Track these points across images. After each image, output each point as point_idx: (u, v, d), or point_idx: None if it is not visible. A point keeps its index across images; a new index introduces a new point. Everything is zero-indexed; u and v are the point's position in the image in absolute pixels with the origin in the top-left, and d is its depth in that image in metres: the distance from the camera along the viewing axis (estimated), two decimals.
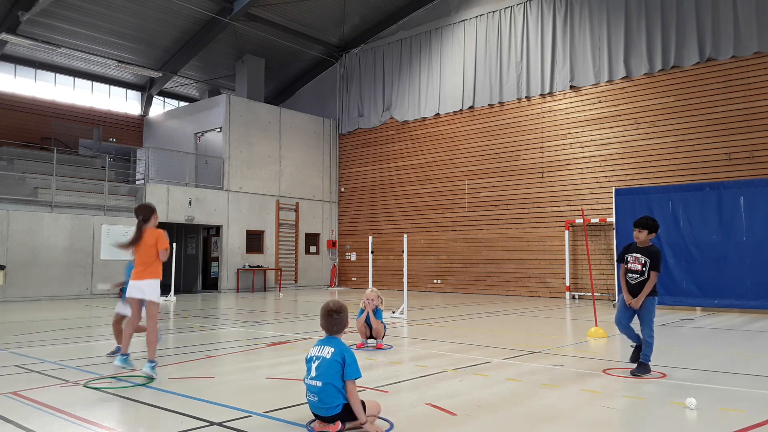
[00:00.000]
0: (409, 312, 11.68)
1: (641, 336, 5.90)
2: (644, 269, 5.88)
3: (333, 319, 4.05)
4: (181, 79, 24.07)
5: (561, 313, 13.00)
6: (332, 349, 3.88)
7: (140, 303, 5.88)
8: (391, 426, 4.06)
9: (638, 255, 5.96)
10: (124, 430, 4.13)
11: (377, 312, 7.78)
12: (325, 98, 24.58)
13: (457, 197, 19.98)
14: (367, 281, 13.17)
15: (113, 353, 6.64)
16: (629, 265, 5.98)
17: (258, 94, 22.73)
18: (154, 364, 5.64)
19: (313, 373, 3.85)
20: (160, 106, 25.25)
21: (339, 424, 3.86)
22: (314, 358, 3.92)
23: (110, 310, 13.28)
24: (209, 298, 17.33)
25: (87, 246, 16.87)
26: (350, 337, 7.88)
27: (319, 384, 3.81)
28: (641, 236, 6.01)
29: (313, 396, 3.87)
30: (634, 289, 5.92)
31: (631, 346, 6.17)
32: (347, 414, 3.84)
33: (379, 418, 4.14)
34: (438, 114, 20.68)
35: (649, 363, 5.82)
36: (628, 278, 5.99)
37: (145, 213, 5.97)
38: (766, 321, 11.11)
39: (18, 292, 15.49)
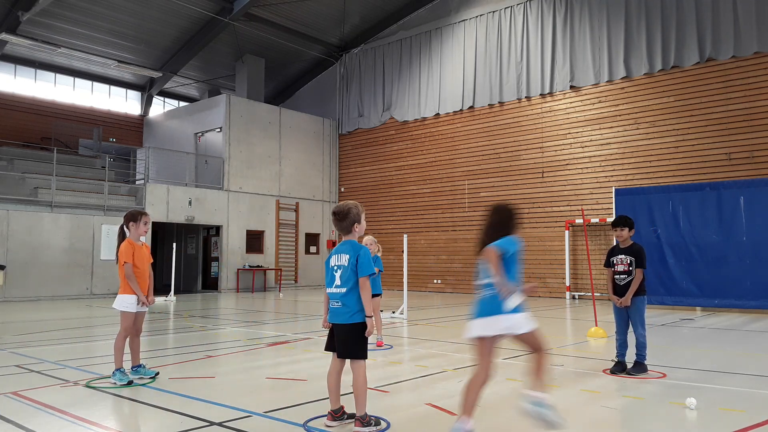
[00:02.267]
0: (409, 312, 11.68)
1: (635, 337, 5.91)
2: (630, 269, 5.95)
3: (336, 221, 4.23)
4: (181, 79, 24.06)
5: (561, 313, 13.00)
6: (347, 256, 4.08)
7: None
8: (388, 425, 4.06)
9: (622, 256, 6.04)
10: (124, 430, 4.13)
11: (376, 260, 7.71)
12: (325, 98, 24.57)
13: (457, 197, 19.97)
14: None
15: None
16: (616, 267, 6.06)
17: (258, 94, 22.73)
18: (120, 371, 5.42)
19: (338, 281, 4.07)
20: (160, 106, 25.25)
21: (359, 424, 3.94)
22: (336, 267, 4.12)
23: (108, 310, 13.29)
24: (209, 298, 17.33)
25: (87, 246, 16.87)
26: None
27: (344, 290, 4.03)
28: (624, 234, 6.09)
29: (337, 302, 4.05)
30: (622, 290, 5.97)
31: (614, 359, 6.11)
32: (361, 333, 4.02)
33: (377, 417, 4.14)
34: (438, 114, 20.68)
35: (645, 362, 5.84)
36: (615, 280, 6.06)
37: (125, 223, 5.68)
38: (766, 321, 11.11)
39: (18, 292, 15.48)
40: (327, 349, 4.19)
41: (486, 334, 3.70)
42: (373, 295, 7.50)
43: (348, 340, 4.02)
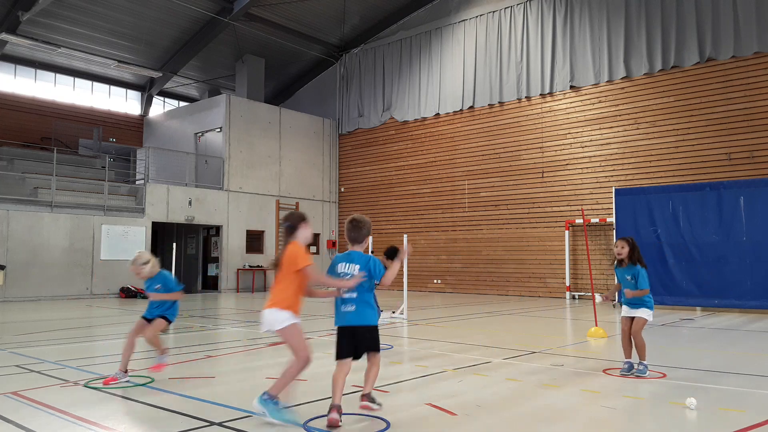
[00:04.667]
0: (409, 312, 11.67)
1: None
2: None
3: (353, 227, 4.33)
4: (181, 79, 24.06)
5: (561, 313, 13.00)
6: (357, 266, 4.24)
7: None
8: (388, 425, 4.06)
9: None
10: (124, 430, 4.13)
11: (164, 281, 5.82)
12: (325, 98, 24.57)
13: (457, 197, 19.97)
14: None
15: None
16: None
17: (258, 94, 22.73)
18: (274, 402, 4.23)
19: None
20: (160, 106, 25.25)
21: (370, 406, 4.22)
22: (343, 274, 4.25)
23: (108, 310, 13.30)
24: (209, 298, 17.33)
25: (87, 246, 16.87)
26: None
27: (354, 296, 4.22)
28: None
29: (351, 306, 4.20)
30: None
31: None
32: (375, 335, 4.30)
33: (377, 417, 4.13)
34: (438, 114, 20.67)
35: None
36: None
37: (292, 221, 4.43)
38: (766, 321, 11.11)
39: (18, 292, 15.48)
40: (343, 356, 4.17)
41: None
42: (165, 318, 5.89)
43: (374, 337, 4.25)
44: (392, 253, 7.77)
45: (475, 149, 19.59)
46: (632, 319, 5.99)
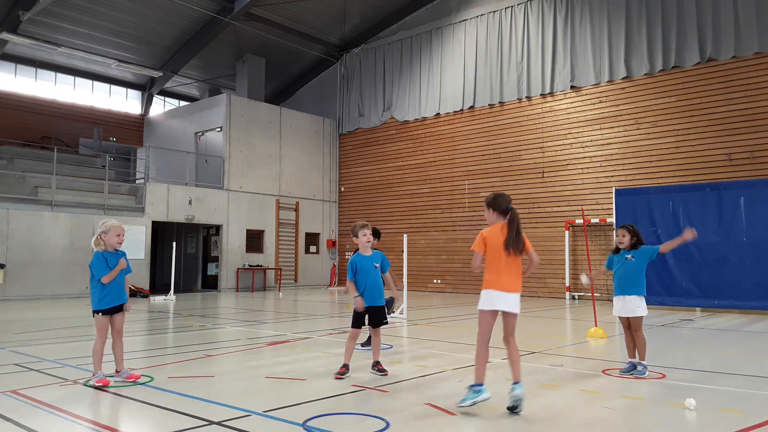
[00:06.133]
0: (409, 312, 11.67)
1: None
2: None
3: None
4: (182, 78, 24.07)
5: (561, 313, 13.00)
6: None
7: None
8: (388, 425, 4.06)
9: None
10: (123, 430, 4.13)
11: (125, 254, 5.56)
12: (325, 98, 24.57)
13: (457, 197, 19.97)
14: None
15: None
16: None
17: (258, 94, 22.73)
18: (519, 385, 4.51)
19: None
20: (160, 106, 25.25)
21: None
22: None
23: None
24: (209, 298, 17.32)
25: (87, 245, 16.84)
26: None
27: None
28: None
29: None
30: None
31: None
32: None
33: (377, 417, 4.13)
34: (438, 114, 20.67)
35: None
36: None
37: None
38: (766, 321, 11.10)
39: (18, 291, 15.48)
40: None
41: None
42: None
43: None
44: (375, 233, 7.81)
45: (475, 149, 19.59)
46: (629, 318, 5.98)
